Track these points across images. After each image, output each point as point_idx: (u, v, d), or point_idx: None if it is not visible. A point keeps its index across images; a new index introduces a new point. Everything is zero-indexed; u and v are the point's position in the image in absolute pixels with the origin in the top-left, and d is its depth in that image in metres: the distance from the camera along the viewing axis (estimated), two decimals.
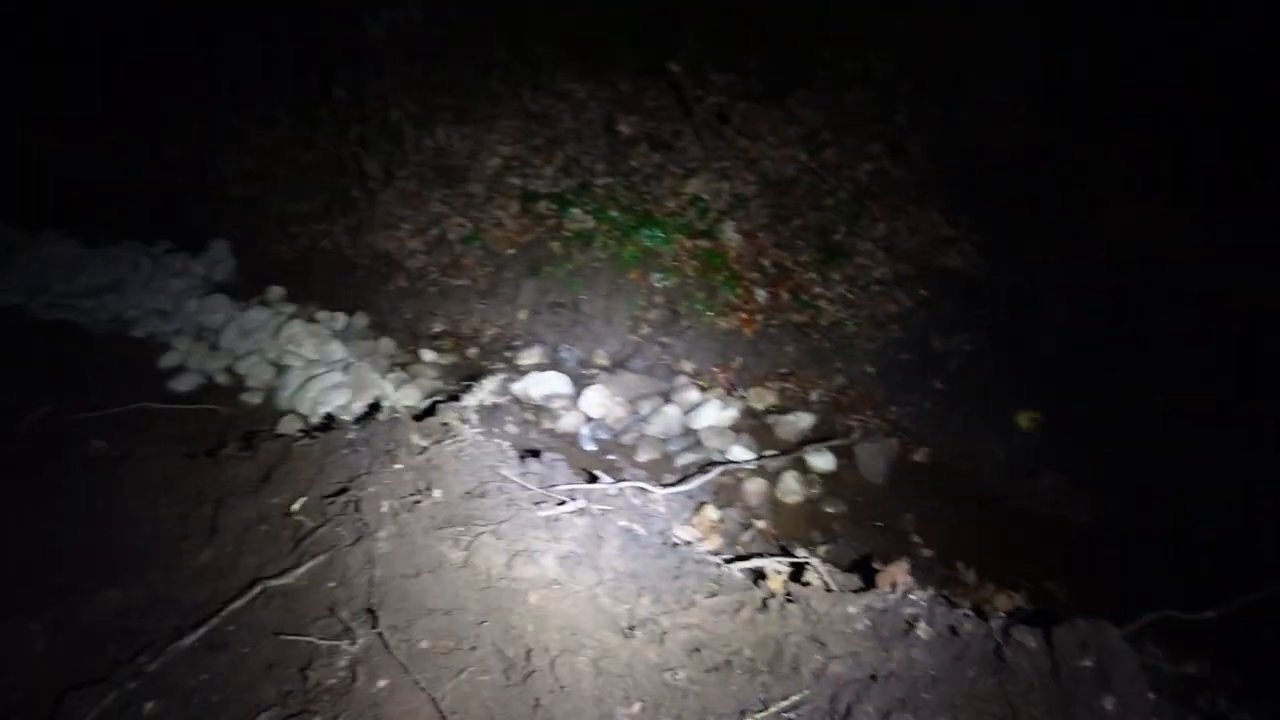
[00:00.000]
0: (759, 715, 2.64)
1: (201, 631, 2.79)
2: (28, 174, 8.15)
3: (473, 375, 5.21)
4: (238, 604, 2.87)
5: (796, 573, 3.28)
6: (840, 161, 6.53)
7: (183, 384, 5.20)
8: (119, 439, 4.29)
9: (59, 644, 2.91)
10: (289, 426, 4.54)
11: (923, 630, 2.86)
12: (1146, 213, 5.55)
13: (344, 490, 3.22)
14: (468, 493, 3.24)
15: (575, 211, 6.29)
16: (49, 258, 6.98)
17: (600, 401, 5.08)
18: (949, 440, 5.21)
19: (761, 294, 5.88)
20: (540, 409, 5.08)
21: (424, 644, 2.60)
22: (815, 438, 5.09)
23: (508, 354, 5.68)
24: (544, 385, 5.15)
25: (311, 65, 7.52)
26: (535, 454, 3.86)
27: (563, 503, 3.33)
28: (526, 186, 6.60)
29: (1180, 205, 5.47)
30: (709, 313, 5.82)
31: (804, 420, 5.18)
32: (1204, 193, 5.40)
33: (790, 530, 4.49)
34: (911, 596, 3.05)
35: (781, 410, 5.32)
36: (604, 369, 5.54)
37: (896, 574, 3.19)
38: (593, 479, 3.82)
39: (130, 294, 6.38)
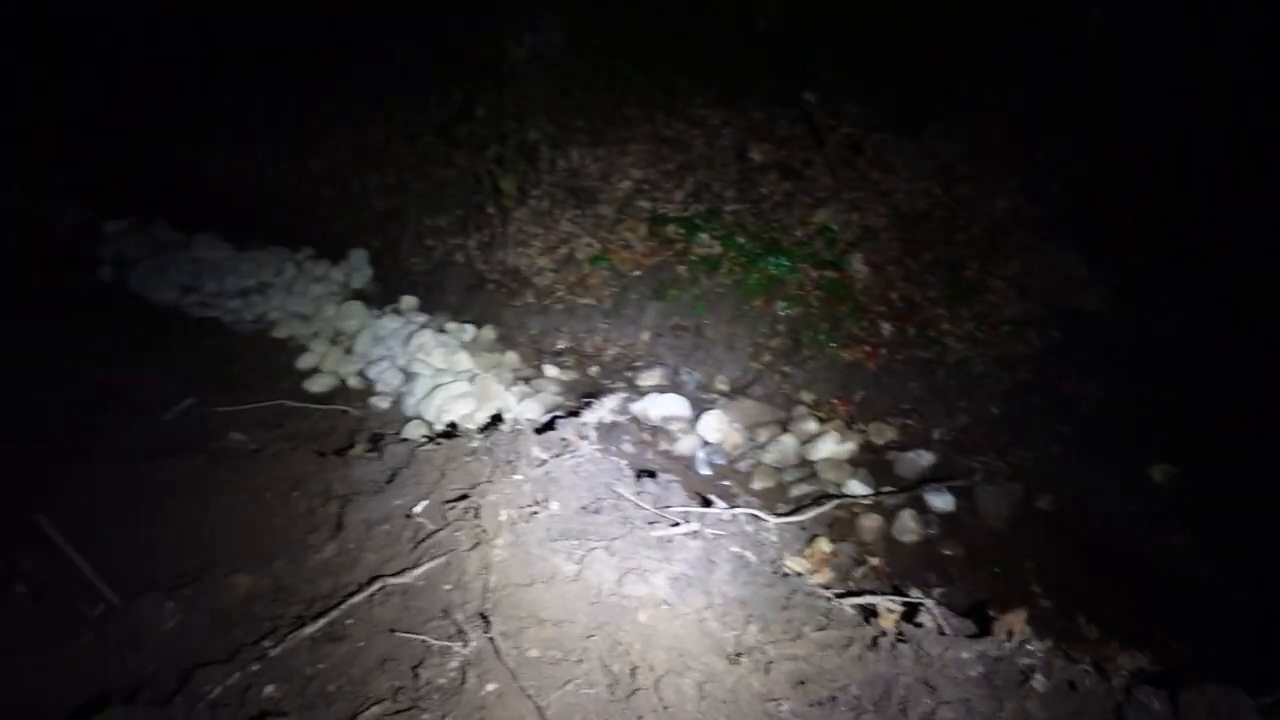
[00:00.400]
0: None
1: (322, 622, 2.88)
2: (188, 182, 8.64)
3: (593, 392, 5.28)
4: (358, 599, 2.95)
5: (909, 613, 3.20)
6: (975, 196, 6.39)
7: (317, 385, 5.42)
8: (256, 433, 4.49)
9: (190, 622, 3.05)
10: (414, 432, 4.67)
11: (1039, 682, 2.76)
12: None
13: (464, 496, 3.30)
14: (583, 508, 3.27)
15: (703, 236, 6.33)
16: (202, 259, 7.38)
17: (718, 426, 5.07)
18: (1075, 488, 5.01)
19: (887, 328, 5.79)
20: (658, 430, 5.11)
21: (533, 652, 2.63)
22: (935, 477, 4.97)
23: (628, 374, 5.73)
24: (663, 407, 5.17)
25: (456, 85, 7.77)
26: (651, 474, 3.87)
27: (676, 524, 3.33)
28: (655, 210, 6.67)
29: None
30: (832, 344, 5.75)
31: (924, 458, 5.07)
32: None
33: (904, 569, 4.39)
34: (1029, 647, 2.95)
35: (901, 447, 5.21)
36: (723, 394, 5.53)
37: (1014, 622, 3.08)
38: (707, 503, 3.80)
39: (274, 297, 6.70)
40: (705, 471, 4.88)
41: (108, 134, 9.09)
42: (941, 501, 4.79)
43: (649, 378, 5.67)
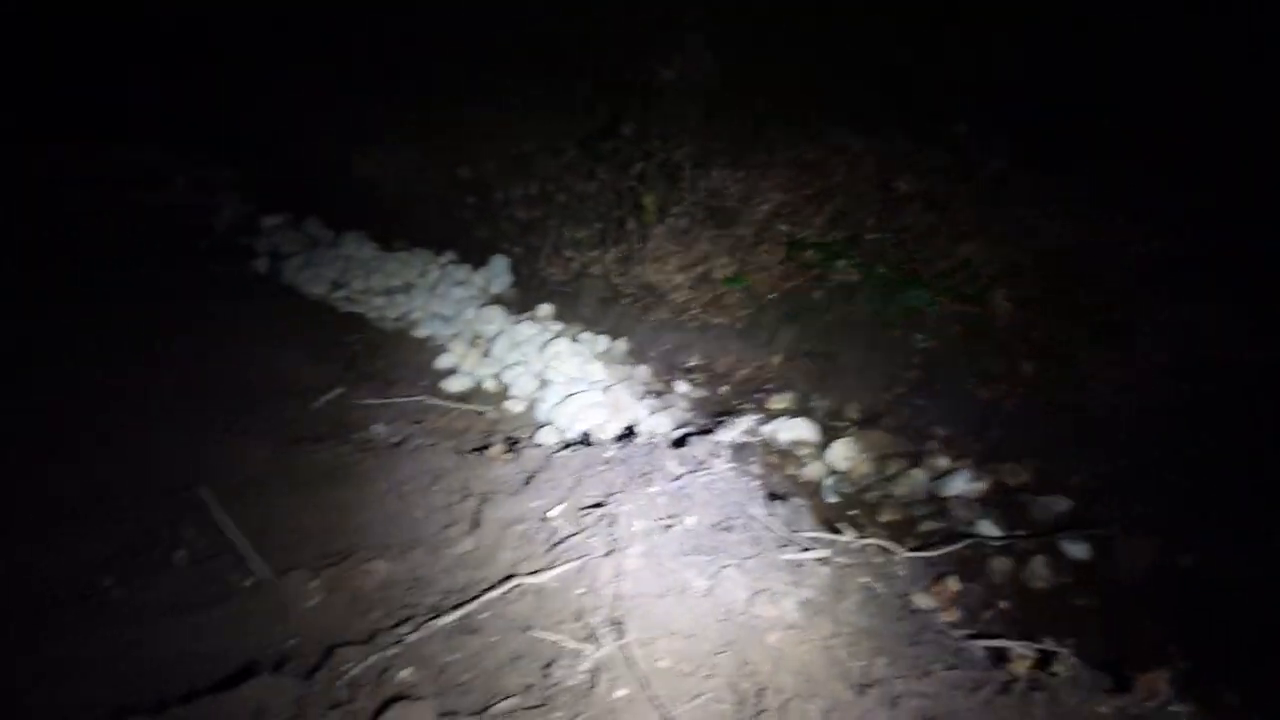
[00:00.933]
0: None
1: (458, 614, 2.97)
2: (339, 183, 9.03)
3: (723, 412, 5.29)
4: (493, 594, 3.03)
5: (1043, 660, 3.12)
6: (1124, 236, 6.17)
7: (455, 384, 5.57)
8: (398, 427, 4.65)
9: (331, 602, 3.18)
10: (547, 437, 4.76)
11: None
12: None
13: (599, 504, 3.35)
14: (715, 525, 3.29)
15: (841, 263, 6.28)
16: (350, 256, 7.70)
17: (847, 455, 5.01)
18: (1219, 549, 4.76)
19: (1028, 367, 5.63)
20: (786, 454, 5.08)
21: (663, 663, 2.65)
22: (1070, 524, 4.79)
23: (758, 395, 5.71)
24: (792, 431, 5.14)
25: (603, 102, 7.92)
26: (781, 497, 3.86)
27: (807, 549, 3.31)
28: (794, 234, 6.66)
29: None
30: (969, 380, 5.62)
31: (1060, 504, 4.89)
32: None
33: (1034, 617, 4.24)
34: (1172, 709, 2.84)
35: (1036, 490, 5.04)
36: (853, 423, 5.46)
37: (1157, 681, 2.98)
38: (835, 531, 3.78)
39: (417, 297, 6.92)
40: (831, 499, 4.82)
41: (266, 135, 9.58)
42: (1077, 550, 4.61)
43: (779, 401, 5.64)
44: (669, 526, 3.16)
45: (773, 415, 5.40)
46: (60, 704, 2.77)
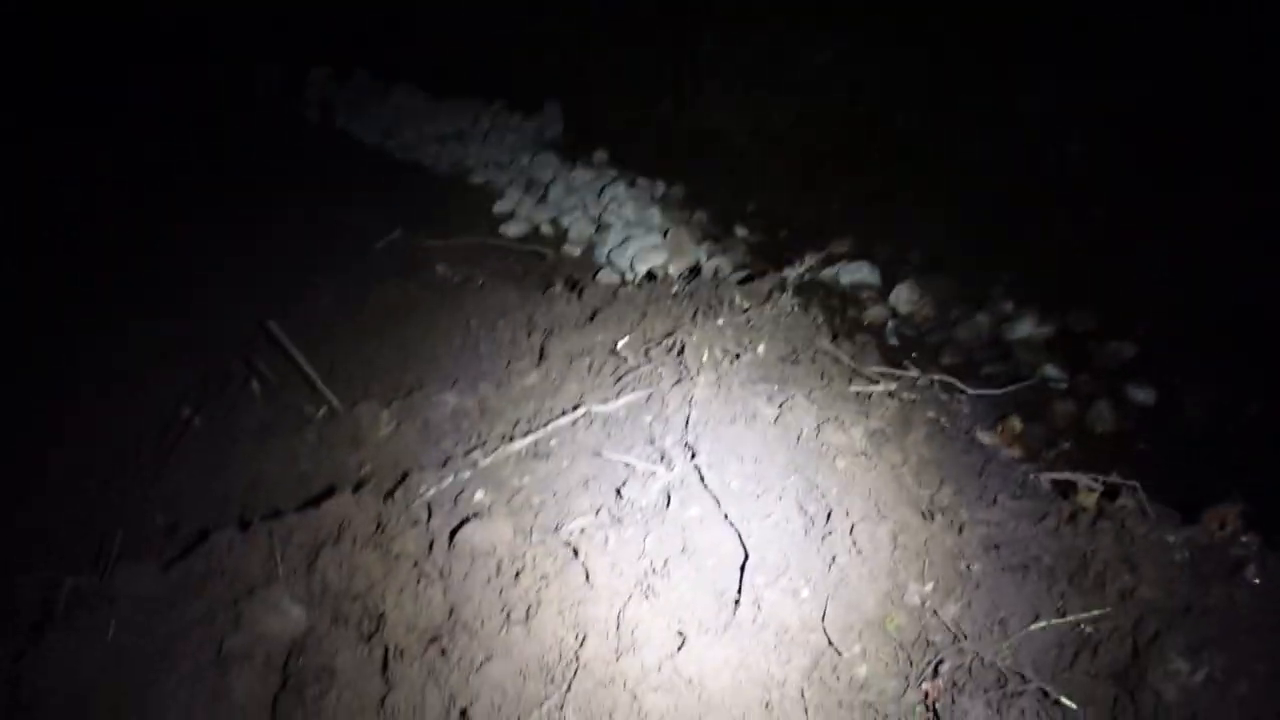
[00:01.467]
0: (1055, 621, 2.55)
1: (529, 440, 3.01)
2: (387, 34, 8.82)
3: (784, 256, 5.21)
4: (562, 422, 3.07)
5: (1110, 493, 3.11)
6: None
7: (512, 229, 5.55)
8: (460, 268, 4.66)
9: (405, 431, 3.25)
10: (608, 278, 4.75)
11: (1251, 573, 2.65)
12: None
13: (668, 336, 3.34)
14: (782, 358, 3.28)
15: (901, 116, 6.07)
16: (402, 106, 7.61)
17: (910, 299, 4.95)
18: None
19: (1099, 213, 5.47)
20: (848, 297, 5.03)
21: (734, 484, 2.68)
22: (1137, 370, 4.73)
23: (819, 240, 5.60)
24: (855, 274, 5.08)
25: None
26: (846, 335, 3.84)
27: (874, 383, 3.30)
28: (856, 84, 6.42)
29: None
30: (1036, 227, 5.48)
31: (1127, 350, 4.82)
32: None
33: (1096, 458, 4.23)
34: (1242, 539, 2.82)
35: (1103, 337, 4.96)
36: (916, 267, 5.37)
37: (1227, 514, 2.95)
38: (901, 367, 3.76)
39: (470, 145, 6.85)
40: (893, 342, 4.80)
41: None
42: (1143, 395, 4.57)
43: (840, 245, 5.54)
44: (737, 357, 3.16)
45: (834, 259, 5.33)
46: (151, 526, 2.89)
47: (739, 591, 2.45)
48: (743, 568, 2.50)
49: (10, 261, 4.25)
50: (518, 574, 2.45)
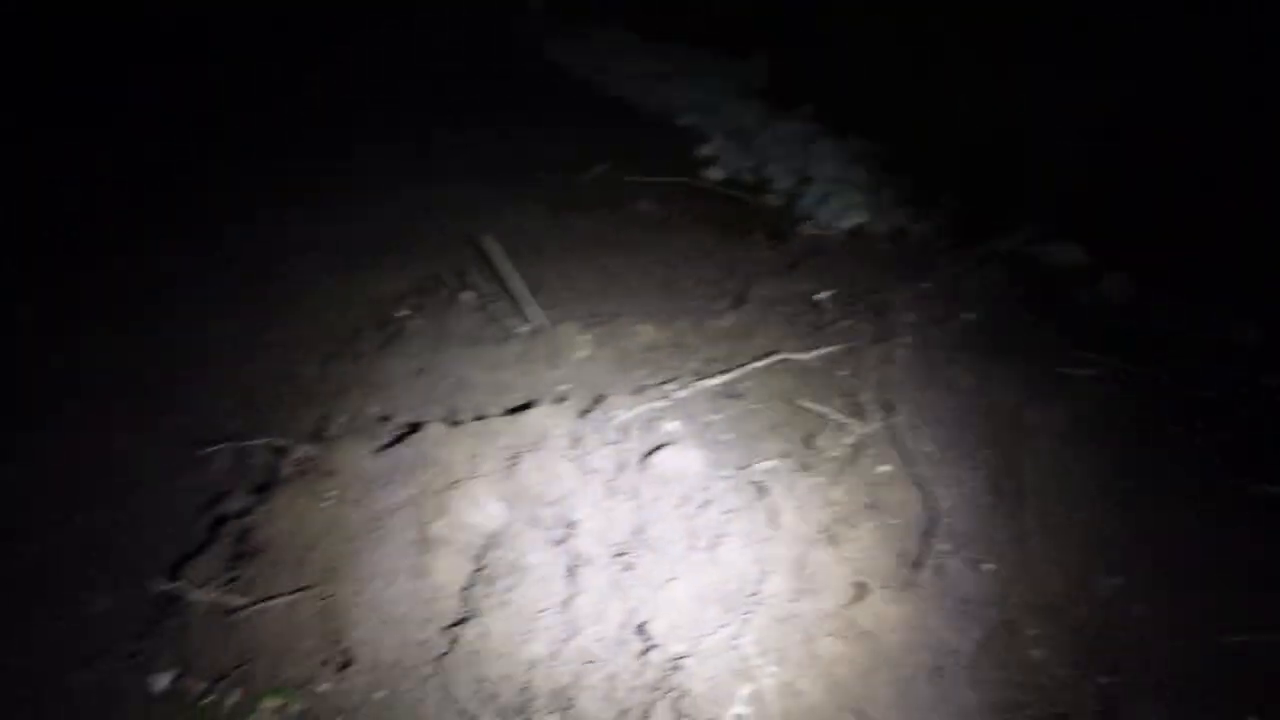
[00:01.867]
0: (1248, 637, 2.45)
1: (722, 379, 3.07)
2: None
3: (992, 227, 5.05)
4: (756, 365, 3.11)
5: None
6: None
7: (714, 173, 5.56)
8: (663, 205, 4.72)
9: (601, 355, 3.36)
10: (808, 231, 4.72)
11: None
12: None
13: (871, 293, 3.33)
14: (986, 329, 3.23)
15: None
16: (612, 43, 7.69)
17: (1122, 285, 4.71)
18: None
19: None
20: (1056, 275, 4.81)
21: (927, 447, 2.67)
22: None
23: (1027, 217, 5.38)
24: (1064, 253, 4.85)
25: None
26: (1053, 313, 3.72)
27: (1080, 365, 3.20)
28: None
29: None
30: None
31: None
32: None
33: None
34: None
35: None
36: (1128, 252, 5.08)
37: None
38: (1108, 353, 3.61)
39: (677, 87, 6.86)
40: (1100, 327, 4.56)
41: None
42: None
43: (1049, 224, 5.30)
44: (942, 321, 3.12)
45: (1042, 238, 5.11)
46: (366, 412, 3.10)
47: (922, 554, 2.46)
48: (928, 531, 2.50)
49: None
50: (705, 503, 2.52)
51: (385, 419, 3.00)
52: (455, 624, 2.32)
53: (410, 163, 4.92)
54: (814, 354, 3.11)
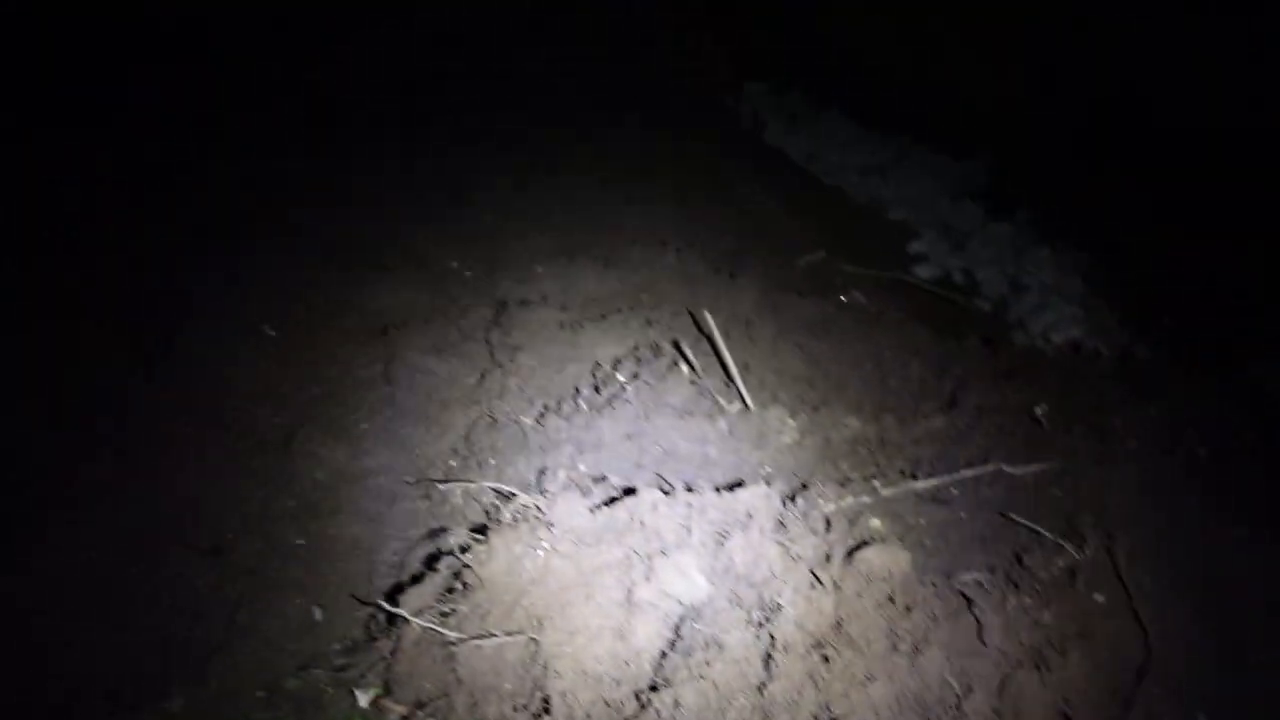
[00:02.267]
0: None
1: (931, 482, 3.06)
2: (821, 58, 9.06)
3: (1219, 353, 4.83)
4: (967, 473, 3.08)
5: None
6: None
7: (924, 271, 5.57)
8: (874, 298, 4.75)
9: (807, 442, 3.39)
10: (1021, 340, 4.65)
11: None
12: None
13: (1093, 412, 3.25)
14: (1217, 460, 3.10)
15: None
16: (830, 131, 7.82)
17: None
18: None
19: None
20: None
21: (1146, 583, 2.58)
22: None
23: (1259, 339, 5.09)
24: None
25: None
26: None
27: None
28: None
29: None
30: None
31: None
32: None
33: None
34: None
35: None
36: None
37: None
38: None
39: (891, 180, 6.91)
40: None
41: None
42: None
43: None
44: (1169, 451, 3.01)
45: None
46: (579, 471, 3.24)
47: (1132, 693, 2.37)
48: (1141, 671, 2.41)
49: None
50: (909, 607, 2.51)
51: (599, 479, 3.13)
52: (650, 689, 2.38)
53: (624, 228, 5.12)
54: (1029, 468, 3.06)
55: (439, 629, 2.57)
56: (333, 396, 3.79)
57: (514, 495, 2.83)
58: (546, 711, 2.38)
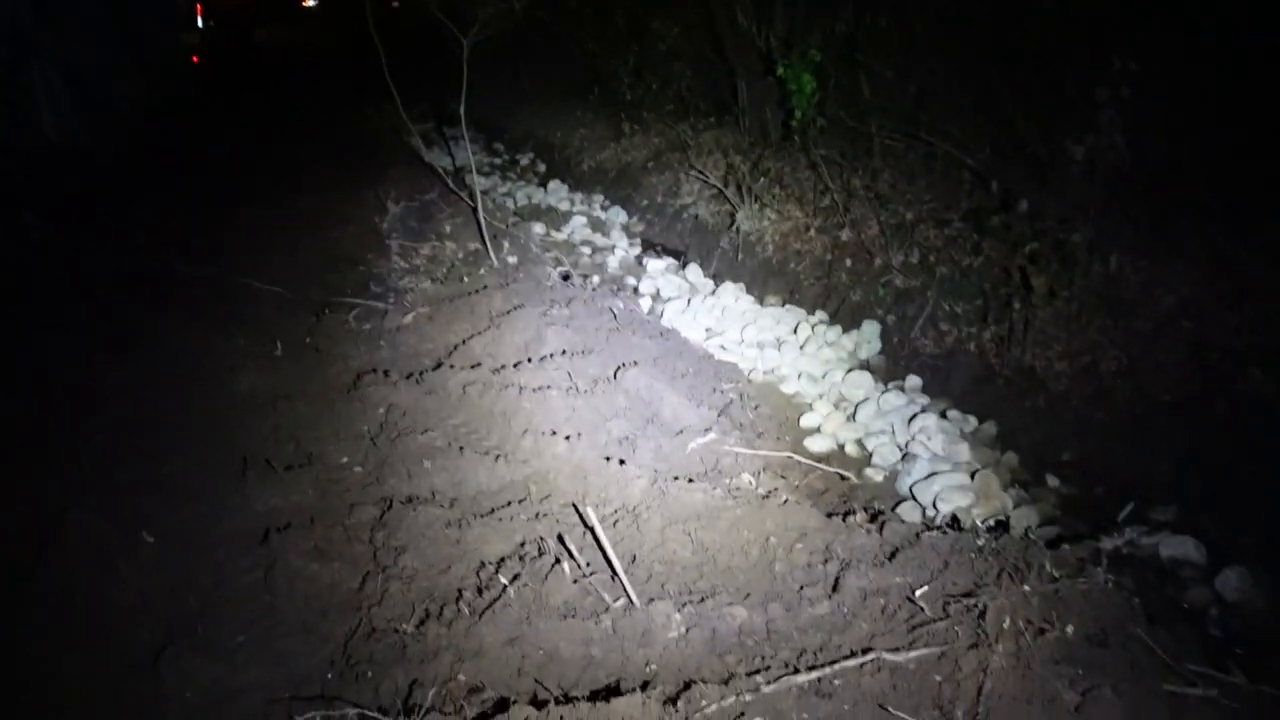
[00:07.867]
0: None
1: (813, 675, 3.03)
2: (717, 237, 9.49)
3: (1099, 517, 4.95)
4: (849, 663, 3.07)
5: None
6: None
7: (817, 444, 5.67)
8: (764, 479, 4.80)
9: (691, 638, 3.36)
10: (910, 514, 4.73)
11: None
12: None
13: (968, 594, 3.29)
14: (1090, 639, 3.12)
15: (1257, 373, 5.67)
16: (726, 307, 8.08)
17: (1239, 585, 4.51)
18: None
19: None
20: (1166, 574, 4.65)
21: None
22: None
23: (1137, 504, 5.23)
24: (1176, 548, 4.71)
25: (995, 176, 7.69)
26: (1162, 621, 3.58)
27: (1193, 683, 3.05)
28: (1201, 336, 6.09)
29: None
30: None
31: None
32: None
33: None
34: None
35: None
36: (1250, 552, 4.88)
37: None
38: (1223, 670, 3.43)
39: (787, 353, 7.10)
40: (1216, 633, 4.36)
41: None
42: None
43: (1162, 513, 5.14)
44: (1041, 632, 3.04)
45: (1154, 528, 4.97)
46: (456, 681, 3.15)
47: None
48: None
49: None
50: None
51: (475, 690, 3.05)
52: None
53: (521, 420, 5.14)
54: (909, 655, 3.05)
55: None
56: (206, 611, 3.69)
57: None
58: None
